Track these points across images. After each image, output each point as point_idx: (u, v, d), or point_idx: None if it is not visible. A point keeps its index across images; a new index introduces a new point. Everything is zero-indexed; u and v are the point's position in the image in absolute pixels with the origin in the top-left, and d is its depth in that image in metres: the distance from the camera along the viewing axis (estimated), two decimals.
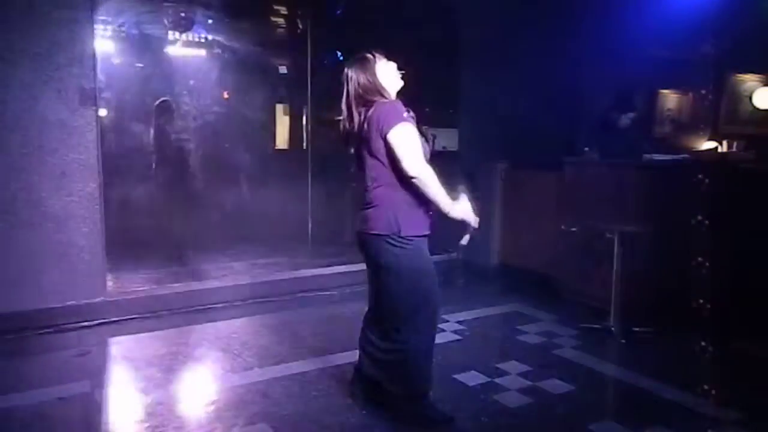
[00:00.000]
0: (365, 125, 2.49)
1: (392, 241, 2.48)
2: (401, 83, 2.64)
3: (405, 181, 2.46)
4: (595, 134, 4.91)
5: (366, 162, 2.54)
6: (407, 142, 2.43)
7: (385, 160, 2.48)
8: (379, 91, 2.53)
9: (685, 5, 4.70)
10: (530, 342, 3.81)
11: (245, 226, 6.06)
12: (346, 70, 2.60)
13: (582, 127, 5.35)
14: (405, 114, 2.49)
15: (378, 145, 2.47)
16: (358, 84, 2.54)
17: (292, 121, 7.05)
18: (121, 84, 6.07)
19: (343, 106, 2.59)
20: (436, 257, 2.65)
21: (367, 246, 2.57)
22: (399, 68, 2.64)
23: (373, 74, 2.55)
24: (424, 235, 2.57)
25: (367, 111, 2.50)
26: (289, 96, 7.01)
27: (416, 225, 2.52)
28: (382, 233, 2.49)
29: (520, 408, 2.88)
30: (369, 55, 2.59)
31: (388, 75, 2.60)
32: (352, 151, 2.66)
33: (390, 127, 2.42)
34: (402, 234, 2.47)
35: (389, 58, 2.64)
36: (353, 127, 2.56)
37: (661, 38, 4.82)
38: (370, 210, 2.53)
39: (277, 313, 4.36)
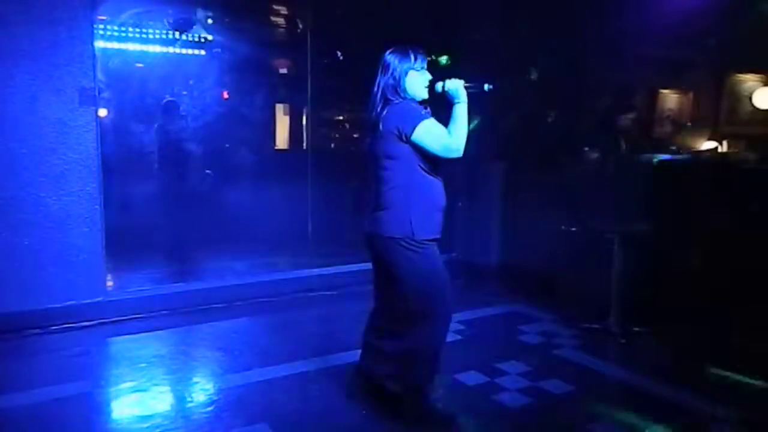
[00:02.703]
0: (381, 125, 2.46)
1: (406, 244, 2.47)
2: (426, 96, 2.57)
3: (431, 173, 2.51)
4: (595, 134, 4.91)
5: (379, 162, 2.51)
6: (434, 133, 2.44)
7: (401, 161, 2.46)
8: (401, 93, 2.50)
9: (685, 5, 4.69)
10: (530, 342, 3.81)
11: (245, 226, 6.06)
12: (386, 56, 2.54)
13: (582, 127, 5.34)
14: (423, 111, 2.49)
15: (396, 148, 2.44)
16: (391, 77, 2.49)
17: (292, 121, 7.05)
18: (121, 84, 6.06)
19: (374, 93, 2.53)
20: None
21: (379, 248, 2.56)
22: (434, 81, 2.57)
23: (404, 74, 2.50)
24: (435, 239, 2.56)
25: (383, 109, 2.48)
26: (289, 96, 7.00)
27: (429, 228, 2.52)
28: (396, 236, 2.47)
29: (520, 408, 2.88)
30: (411, 54, 2.52)
31: (418, 85, 2.53)
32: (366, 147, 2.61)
33: (413, 128, 2.41)
34: (416, 237, 2.46)
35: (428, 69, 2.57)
36: (373, 120, 2.51)
37: (661, 38, 4.82)
38: (383, 212, 2.51)
39: (277, 313, 4.36)
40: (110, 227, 4.12)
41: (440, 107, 2.57)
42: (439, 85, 2.55)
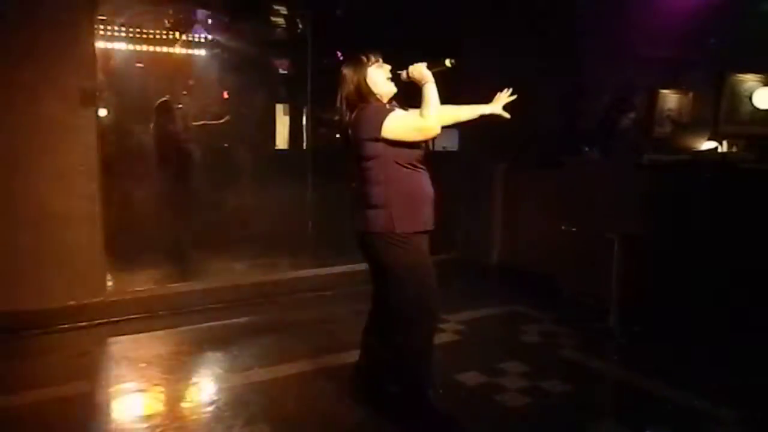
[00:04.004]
0: (350, 129, 2.52)
1: (389, 240, 2.49)
2: (394, 89, 2.61)
3: (411, 164, 2.51)
4: (595, 134, 4.91)
5: (359, 163, 2.55)
6: (404, 122, 2.46)
7: (377, 160, 2.48)
8: (367, 95, 2.53)
9: (685, 5, 4.69)
10: (530, 342, 3.81)
11: (245, 225, 6.06)
12: (341, 69, 2.60)
13: (582, 127, 5.35)
14: (387, 107, 2.53)
15: (369, 149, 2.48)
16: (350, 85, 2.54)
17: (292, 121, 7.05)
18: (121, 84, 6.06)
19: (339, 105, 2.60)
20: (435, 257, 2.65)
21: (366, 245, 2.59)
22: (396, 70, 2.60)
23: (364, 77, 2.55)
24: (422, 232, 2.57)
25: (352, 114, 2.53)
26: (290, 96, 7.00)
27: (412, 222, 2.53)
28: (379, 231, 2.50)
29: (520, 408, 2.88)
30: (363, 57, 2.57)
31: (381, 80, 2.58)
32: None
33: (379, 127, 2.43)
34: (398, 231, 2.48)
35: (386, 60, 2.62)
36: (344, 128, 2.58)
37: (661, 38, 4.82)
38: (366, 209, 2.55)
39: (277, 313, 4.36)
40: (110, 227, 4.13)
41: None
42: (403, 74, 2.58)
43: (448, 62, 2.56)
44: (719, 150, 4.81)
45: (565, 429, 2.77)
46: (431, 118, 2.48)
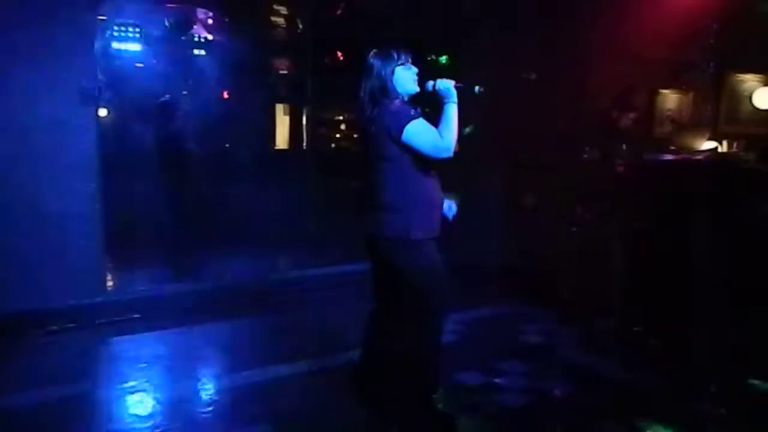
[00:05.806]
0: (372, 126, 2.48)
1: (402, 245, 2.48)
2: (417, 90, 2.57)
3: (424, 173, 2.51)
4: (595, 134, 4.91)
5: (374, 164, 2.52)
6: (424, 134, 2.44)
7: (394, 162, 2.46)
8: (390, 92, 2.50)
9: (685, 5, 4.69)
10: (530, 342, 3.81)
11: (245, 225, 6.06)
12: (369, 59, 2.55)
13: (582, 127, 5.34)
14: (412, 112, 2.49)
15: (388, 149, 2.45)
16: (376, 79, 2.50)
17: (292, 121, 7.05)
18: (121, 84, 6.06)
19: (361, 97, 2.54)
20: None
21: (377, 249, 2.57)
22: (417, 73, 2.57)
23: (391, 73, 2.51)
24: (433, 238, 2.57)
25: (373, 110, 2.49)
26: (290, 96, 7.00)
27: (426, 228, 2.52)
28: (392, 237, 2.49)
29: (520, 408, 2.88)
30: (393, 53, 2.53)
31: (406, 80, 2.54)
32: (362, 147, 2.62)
33: (401, 129, 2.41)
34: (412, 237, 2.47)
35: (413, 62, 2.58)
36: (364, 122, 2.53)
37: (661, 38, 4.82)
38: (379, 214, 2.52)
39: (277, 313, 4.36)
40: (110, 227, 4.13)
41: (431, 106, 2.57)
42: (429, 84, 2.57)
43: (476, 89, 2.54)
44: (719, 150, 4.81)
45: (565, 429, 2.77)
46: (449, 142, 2.46)
